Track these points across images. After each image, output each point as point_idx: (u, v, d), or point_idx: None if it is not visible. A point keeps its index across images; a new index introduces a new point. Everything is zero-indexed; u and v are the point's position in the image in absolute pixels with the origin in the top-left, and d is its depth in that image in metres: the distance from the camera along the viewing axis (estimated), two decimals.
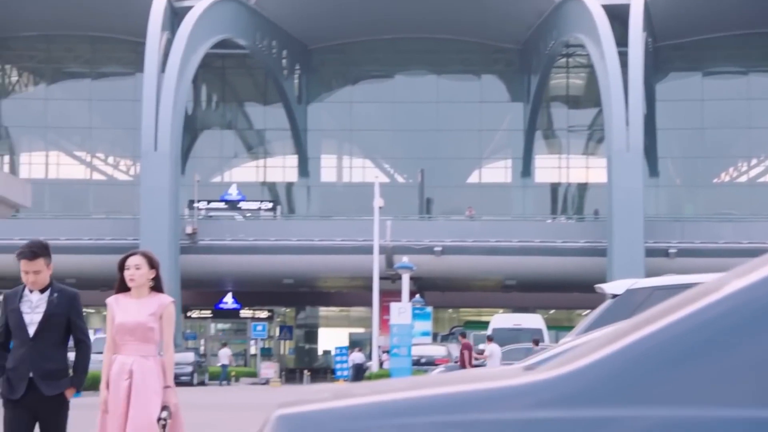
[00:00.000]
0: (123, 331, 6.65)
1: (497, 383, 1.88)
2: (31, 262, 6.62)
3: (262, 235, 52.28)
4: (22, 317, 6.64)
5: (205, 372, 46.12)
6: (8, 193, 26.62)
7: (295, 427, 1.91)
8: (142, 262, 6.80)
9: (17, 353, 6.65)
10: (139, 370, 6.57)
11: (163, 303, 6.79)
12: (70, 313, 6.70)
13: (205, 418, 21.25)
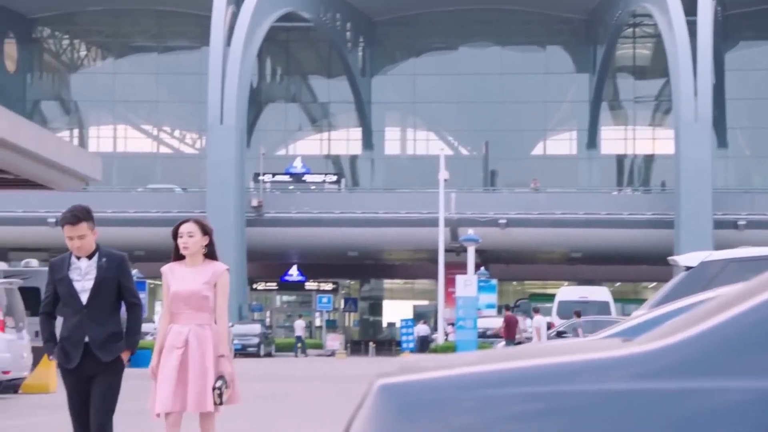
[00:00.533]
0: (178, 300, 6.57)
1: (600, 354, 1.89)
2: (75, 227, 6.48)
3: (327, 207, 52.49)
4: (72, 285, 6.53)
5: (271, 343, 46.55)
6: (79, 166, 26.89)
7: (398, 396, 1.93)
8: (195, 230, 6.66)
9: (70, 321, 6.55)
10: (194, 339, 6.49)
11: (218, 271, 6.66)
12: (120, 276, 6.58)
13: (275, 389, 21.47)
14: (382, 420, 1.92)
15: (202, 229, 6.65)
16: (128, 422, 9.30)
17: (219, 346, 6.55)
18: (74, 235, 6.48)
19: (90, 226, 6.53)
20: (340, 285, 64.18)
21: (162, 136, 64.90)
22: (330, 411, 15.87)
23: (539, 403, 1.78)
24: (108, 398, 6.50)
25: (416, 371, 2.01)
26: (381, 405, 1.94)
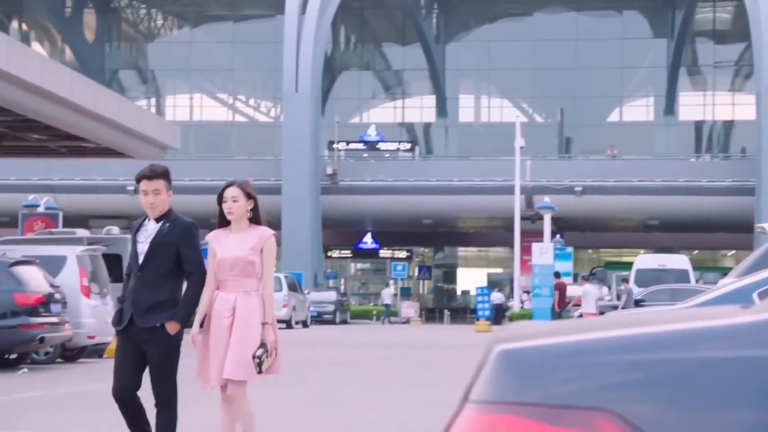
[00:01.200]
0: (224, 267, 6.36)
1: (725, 321, 1.87)
2: (151, 182, 6.37)
3: (401, 175, 52.53)
4: (136, 247, 6.44)
5: (347, 311, 46.84)
6: (158, 135, 27.25)
7: (518, 362, 1.92)
8: (239, 194, 6.41)
9: (129, 284, 6.49)
10: (241, 307, 6.29)
11: (264, 236, 6.41)
12: (180, 243, 6.35)
13: (351, 356, 21.63)
14: (501, 385, 1.92)
15: (246, 194, 6.42)
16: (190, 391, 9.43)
17: (265, 312, 6.34)
18: (149, 189, 6.35)
19: (166, 185, 6.40)
20: (414, 253, 64.30)
21: (237, 104, 65.36)
22: (407, 378, 15.95)
23: (669, 370, 1.76)
24: (161, 374, 6.32)
25: (534, 338, 2.00)
26: (500, 371, 1.94)
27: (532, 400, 1.86)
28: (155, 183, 6.36)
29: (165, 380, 6.30)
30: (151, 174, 6.36)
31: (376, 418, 10.66)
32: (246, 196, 6.40)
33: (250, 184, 6.51)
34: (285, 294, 36.38)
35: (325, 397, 12.81)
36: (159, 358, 6.30)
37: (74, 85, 22.33)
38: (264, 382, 15.53)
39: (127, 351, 6.36)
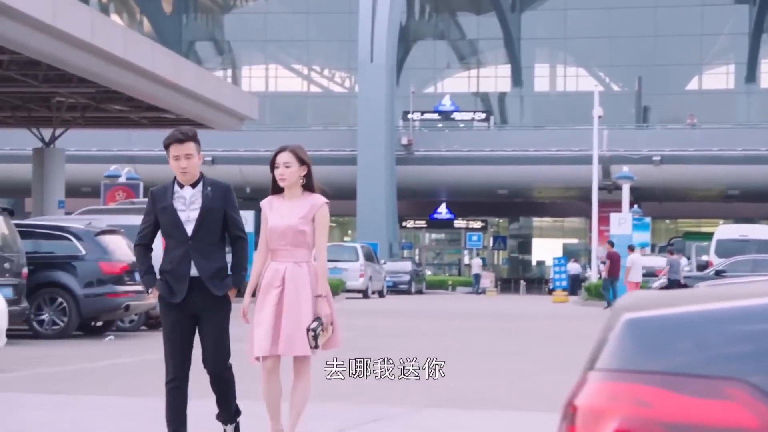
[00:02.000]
0: (275, 236, 6.09)
1: None
2: (182, 145, 6.04)
3: (477, 145, 52.33)
4: (177, 215, 6.06)
5: (422, 281, 46.91)
6: (237, 106, 27.50)
7: (645, 331, 1.93)
8: (292, 159, 6.12)
9: (174, 254, 6.08)
10: (291, 278, 6.04)
11: (316, 204, 6.12)
12: (226, 207, 6.11)
13: (432, 326, 21.69)
14: (628, 354, 1.93)
15: (299, 159, 6.12)
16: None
17: (317, 285, 6.06)
18: (181, 153, 6.03)
19: (197, 149, 6.12)
20: (489, 223, 64.12)
21: (312, 75, 65.54)
22: (488, 347, 15.96)
23: None
24: (221, 341, 6.10)
25: (660, 307, 2.00)
26: (626, 339, 1.95)
27: (659, 369, 1.87)
28: (187, 146, 6.06)
29: (224, 349, 6.11)
30: (182, 137, 6.07)
31: (459, 387, 10.70)
32: (299, 162, 6.12)
33: (304, 150, 6.22)
34: (361, 264, 36.55)
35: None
36: (218, 325, 6.06)
37: (156, 57, 22.61)
38: (346, 350, 15.63)
39: (183, 327, 6.08)
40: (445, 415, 8.56)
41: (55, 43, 18.74)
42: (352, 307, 29.70)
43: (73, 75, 22.77)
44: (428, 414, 8.57)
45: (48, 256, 16.18)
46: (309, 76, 65.39)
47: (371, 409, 8.70)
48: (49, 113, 27.38)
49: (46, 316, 16.15)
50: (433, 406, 9.00)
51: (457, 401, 9.50)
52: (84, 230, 16.60)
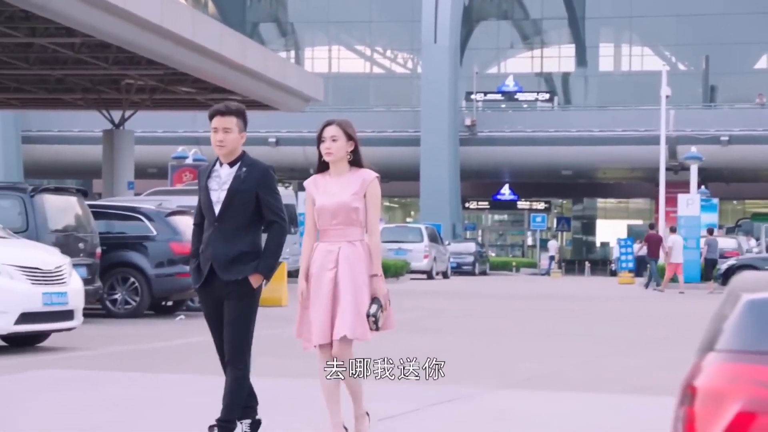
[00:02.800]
0: (325, 215, 5.76)
1: None
2: (223, 118, 5.75)
3: (540, 126, 52.00)
4: (209, 194, 5.81)
5: (486, 262, 46.80)
6: (302, 87, 27.60)
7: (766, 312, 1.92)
8: (339, 133, 5.79)
9: (205, 235, 5.84)
10: (345, 259, 5.72)
11: (367, 179, 5.79)
12: (259, 189, 5.76)
13: (502, 307, 21.67)
14: (750, 334, 1.92)
15: (346, 134, 5.79)
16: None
17: (372, 264, 5.75)
18: (220, 126, 5.73)
19: (240, 125, 5.77)
20: (552, 204, 63.76)
21: (375, 56, 65.51)
22: (557, 329, 15.91)
23: None
24: (238, 329, 5.74)
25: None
26: (747, 321, 1.94)
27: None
28: (227, 120, 5.74)
29: (242, 339, 5.75)
30: (224, 110, 5.77)
31: (530, 368, 10.69)
32: (346, 136, 5.79)
33: (351, 125, 5.88)
34: (426, 245, 36.53)
35: (475, 347, 12.89)
36: (238, 313, 5.74)
37: (223, 38, 22.77)
38: (413, 331, 15.70)
39: (212, 310, 5.82)
40: (518, 396, 8.57)
41: (125, 25, 18.96)
42: (416, 288, 29.73)
43: (143, 57, 23.03)
44: (501, 394, 8.58)
45: (120, 237, 16.43)
46: (371, 57, 65.37)
47: (444, 389, 8.72)
48: (119, 95, 27.74)
49: (118, 295, 16.40)
50: (506, 387, 9.01)
51: (528, 382, 9.50)
52: (155, 211, 16.82)
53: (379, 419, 7.15)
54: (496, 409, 7.78)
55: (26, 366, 10.04)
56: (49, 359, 10.68)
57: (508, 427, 7.06)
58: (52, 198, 14.88)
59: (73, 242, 14.69)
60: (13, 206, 14.41)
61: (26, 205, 14.35)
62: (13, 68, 25.51)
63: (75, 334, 12.11)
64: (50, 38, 21.99)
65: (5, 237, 11.79)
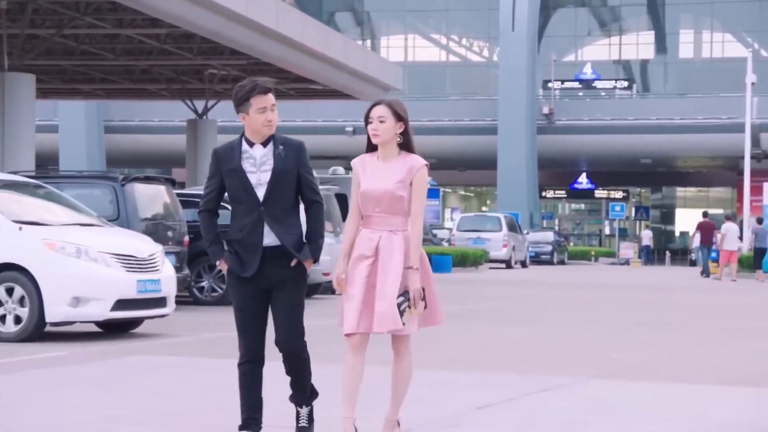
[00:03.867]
0: (368, 200, 5.43)
1: None
2: (266, 96, 5.35)
3: (619, 114, 51.45)
4: (246, 177, 5.37)
5: (564, 251, 46.49)
6: (382, 76, 27.66)
7: None
8: (387, 114, 5.43)
9: (244, 221, 5.39)
10: (386, 248, 5.41)
11: (414, 166, 5.42)
12: (300, 167, 5.40)
13: (585, 296, 21.53)
14: None
15: (395, 114, 5.43)
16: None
17: (408, 255, 5.41)
18: (267, 105, 5.33)
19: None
20: (630, 193, 63.09)
21: (451, 44, 65.34)
22: (643, 319, 15.78)
23: None
24: (296, 316, 5.46)
25: None
26: None
27: None
28: (271, 97, 5.37)
29: (299, 325, 5.47)
30: (267, 88, 5.37)
31: (622, 358, 10.62)
32: (395, 117, 5.43)
33: (403, 105, 5.52)
34: (504, 234, 36.41)
35: (562, 336, 12.84)
36: (297, 299, 5.44)
37: (306, 28, 22.88)
38: (497, 321, 15.62)
39: (255, 302, 5.42)
40: (613, 386, 8.52)
41: (211, 16, 19.15)
42: (495, 277, 29.66)
43: (226, 47, 23.25)
44: (596, 384, 8.54)
45: None
46: (447, 46, 65.21)
47: (538, 379, 8.72)
48: (202, 85, 28.04)
49: (205, 283, 16.62)
50: (600, 377, 8.97)
51: (621, 372, 9.44)
52: None
53: (477, 408, 7.17)
54: (593, 399, 7.75)
55: (122, 351, 10.24)
56: (142, 345, 10.88)
57: (607, 417, 7.04)
58: (141, 187, 15.12)
59: (162, 230, 14.92)
60: (105, 195, 14.67)
61: (117, 194, 14.60)
62: (100, 59, 25.94)
63: (165, 321, 12.32)
64: (137, 29, 22.31)
65: (100, 225, 12.02)
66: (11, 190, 12.02)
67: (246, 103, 5.34)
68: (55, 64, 26.07)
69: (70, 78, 28.88)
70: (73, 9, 20.35)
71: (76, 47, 24.39)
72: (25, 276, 10.79)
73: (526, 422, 6.75)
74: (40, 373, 8.72)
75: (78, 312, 10.89)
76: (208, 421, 6.53)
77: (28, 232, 10.93)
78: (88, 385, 8.09)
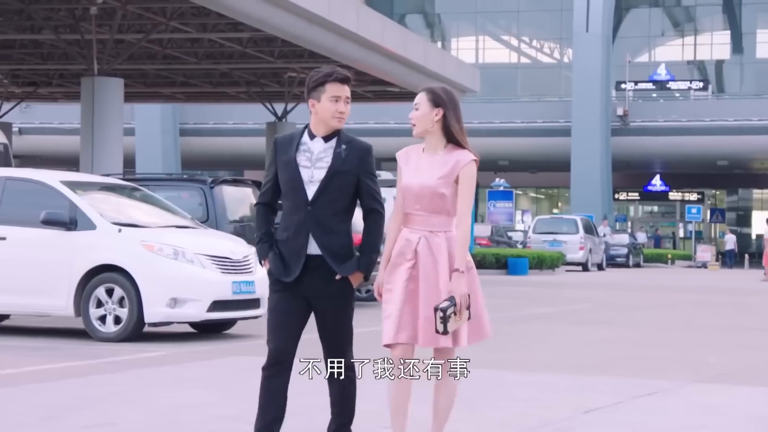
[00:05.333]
0: (409, 197, 4.90)
1: None
2: (343, 86, 4.84)
3: (695, 115, 50.80)
4: (299, 172, 4.81)
5: (639, 254, 46.04)
6: (459, 78, 27.63)
7: None
8: (422, 100, 4.88)
9: (291, 220, 4.84)
10: (425, 251, 4.86)
11: (461, 161, 4.85)
12: (360, 171, 4.81)
13: (669, 299, 21.29)
14: None
15: (432, 101, 4.85)
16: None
17: (455, 257, 4.85)
18: (342, 95, 4.81)
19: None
20: (705, 195, 62.26)
21: (522, 46, 65.07)
22: (734, 322, 15.56)
23: None
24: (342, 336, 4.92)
25: None
26: None
27: None
28: (347, 89, 4.86)
29: (346, 344, 4.93)
30: (345, 77, 4.88)
31: (721, 362, 10.49)
32: (431, 103, 4.85)
33: (448, 91, 4.95)
34: (581, 236, 36.16)
35: (654, 339, 12.72)
36: (340, 318, 4.88)
37: (385, 31, 22.95)
38: (584, 323, 15.49)
39: (292, 309, 4.85)
40: (719, 390, 8.43)
41: (294, 19, 19.29)
42: (573, 279, 29.47)
43: (305, 50, 23.39)
44: (700, 389, 8.45)
45: None
46: (518, 48, 64.94)
47: (639, 382, 8.66)
48: (281, 88, 28.24)
49: None
50: (702, 381, 8.87)
51: (723, 377, 9.33)
52: None
53: (585, 411, 7.15)
54: (701, 403, 7.67)
55: (219, 352, 10.35)
56: (239, 346, 11.00)
57: (719, 422, 6.96)
58: (229, 189, 15.27)
59: (249, 232, 15.03)
60: (194, 197, 14.84)
61: (206, 197, 14.76)
62: (182, 63, 26.27)
63: (257, 322, 12.43)
64: (219, 33, 22.56)
65: (195, 227, 12.18)
66: (110, 192, 12.23)
67: (320, 88, 4.83)
68: (138, 68, 26.46)
69: (152, 82, 29.31)
70: (159, 14, 20.64)
71: (160, 51, 24.74)
72: (124, 277, 10.96)
73: (639, 427, 6.70)
74: (145, 372, 8.87)
75: (176, 313, 11.03)
76: (325, 421, 6.54)
77: (128, 234, 11.10)
78: (195, 385, 8.21)
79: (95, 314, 11.03)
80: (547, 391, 8.09)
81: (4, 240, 11.24)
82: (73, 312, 11.06)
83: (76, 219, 11.08)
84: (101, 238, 11.05)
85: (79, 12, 20.19)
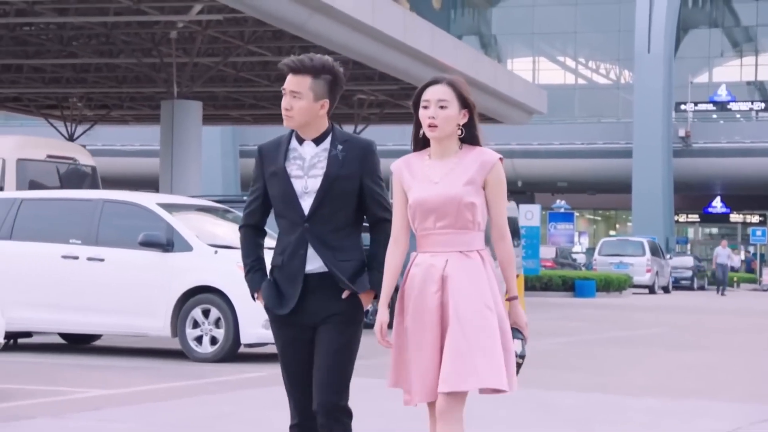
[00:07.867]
0: (423, 213, 3.89)
1: None
2: (295, 77, 3.96)
3: (757, 136, 50.36)
4: (290, 183, 3.99)
5: (704, 276, 45.59)
6: (528, 100, 27.60)
7: None
8: (450, 97, 3.90)
9: (287, 241, 4.00)
10: (456, 276, 3.84)
11: (487, 161, 3.89)
12: (363, 174, 4.01)
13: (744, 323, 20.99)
14: None
15: (460, 99, 3.91)
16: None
17: (506, 281, 3.94)
18: (288, 88, 3.96)
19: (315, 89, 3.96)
20: (767, 217, 61.50)
21: (579, 67, 64.88)
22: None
23: None
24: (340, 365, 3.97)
25: None
26: None
27: None
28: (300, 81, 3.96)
29: (344, 378, 3.99)
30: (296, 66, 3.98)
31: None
32: (460, 103, 3.90)
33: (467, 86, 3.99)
34: (648, 259, 35.88)
35: (748, 363, 12.56)
36: (343, 344, 3.98)
37: (457, 53, 22.99)
38: (669, 347, 15.31)
39: (301, 345, 4.04)
40: None
41: (371, 43, 19.39)
42: (641, 303, 29.20)
43: (375, 72, 23.48)
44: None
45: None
46: (575, 69, 64.76)
47: (752, 407, 8.55)
48: (350, 110, 28.35)
49: None
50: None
51: None
52: None
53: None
54: None
55: None
56: None
57: None
58: None
59: None
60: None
61: None
62: (253, 85, 26.48)
63: None
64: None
65: None
66: (204, 213, 12.34)
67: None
68: (209, 90, 26.71)
69: (221, 104, 29.55)
70: (237, 38, 20.84)
71: (232, 74, 24.96)
72: (220, 298, 11.05)
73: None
74: (254, 393, 8.90)
75: (270, 334, 11.07)
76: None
77: (223, 256, 11.18)
78: None
79: (192, 335, 11.13)
80: (658, 416, 8.01)
81: (103, 261, 11.38)
82: (170, 332, 11.16)
83: (173, 241, 11.20)
84: (198, 260, 11.15)
85: (158, 36, 20.44)
